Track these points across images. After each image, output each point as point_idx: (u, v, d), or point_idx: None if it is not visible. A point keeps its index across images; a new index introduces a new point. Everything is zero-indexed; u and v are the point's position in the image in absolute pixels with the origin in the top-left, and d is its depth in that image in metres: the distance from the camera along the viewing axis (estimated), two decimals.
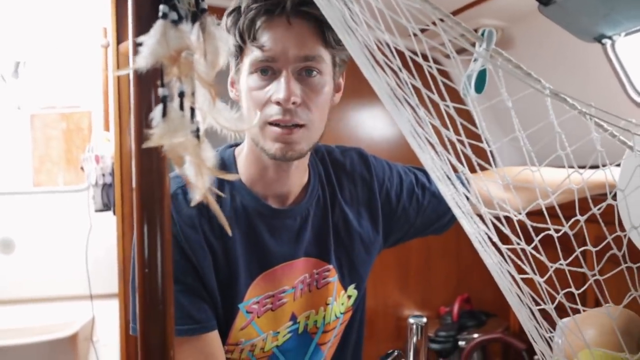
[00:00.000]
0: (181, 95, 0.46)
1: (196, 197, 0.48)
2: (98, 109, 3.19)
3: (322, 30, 1.03)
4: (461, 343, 2.51)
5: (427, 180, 1.34)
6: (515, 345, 2.37)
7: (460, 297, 2.65)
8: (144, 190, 0.49)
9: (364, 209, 1.27)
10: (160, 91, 0.46)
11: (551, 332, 0.76)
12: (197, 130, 0.48)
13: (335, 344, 1.29)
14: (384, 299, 2.70)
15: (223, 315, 1.10)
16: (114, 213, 2.63)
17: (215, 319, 1.09)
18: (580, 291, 0.70)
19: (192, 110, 0.47)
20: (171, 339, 0.51)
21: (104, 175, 2.73)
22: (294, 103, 1.01)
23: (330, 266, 1.21)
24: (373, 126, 2.62)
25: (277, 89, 1.02)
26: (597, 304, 0.77)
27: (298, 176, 1.17)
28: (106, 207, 2.78)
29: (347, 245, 1.23)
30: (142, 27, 0.46)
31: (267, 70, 1.03)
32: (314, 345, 1.22)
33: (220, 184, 1.11)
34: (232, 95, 1.12)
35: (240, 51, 1.06)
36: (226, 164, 1.16)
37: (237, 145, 1.19)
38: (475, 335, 2.49)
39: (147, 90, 0.47)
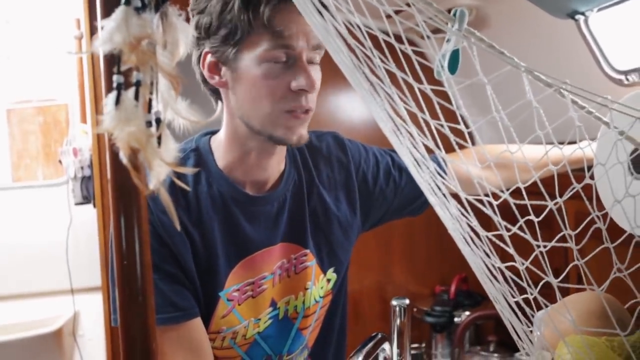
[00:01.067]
0: (137, 84, 0.45)
1: (149, 188, 0.47)
2: (74, 101, 3.15)
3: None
4: (456, 319, 2.52)
5: (403, 161, 1.33)
6: None
7: (458, 276, 2.66)
8: (119, 181, 0.48)
9: (342, 192, 1.28)
10: (115, 78, 0.45)
11: (530, 325, 0.76)
12: (158, 120, 0.47)
13: (318, 328, 1.29)
14: (368, 282, 2.70)
15: (204, 303, 1.10)
16: (94, 206, 2.61)
17: (197, 306, 1.08)
18: (561, 277, 0.70)
19: (150, 100, 0.46)
20: (153, 330, 0.51)
21: (82, 168, 2.70)
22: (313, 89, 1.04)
23: (307, 251, 1.22)
24: (352, 109, 2.61)
25: (299, 77, 1.02)
26: (580, 284, 0.77)
27: (277, 162, 1.18)
28: (86, 200, 2.75)
29: (325, 229, 1.24)
30: (107, 12, 0.45)
31: (284, 58, 1.03)
32: (295, 330, 1.22)
33: (196, 174, 1.11)
34: (213, 82, 1.09)
35: (246, 36, 1.02)
36: (202, 151, 1.15)
37: (213, 133, 1.18)
38: (470, 313, 2.50)
39: (107, 76, 0.46)
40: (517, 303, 0.72)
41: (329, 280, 1.27)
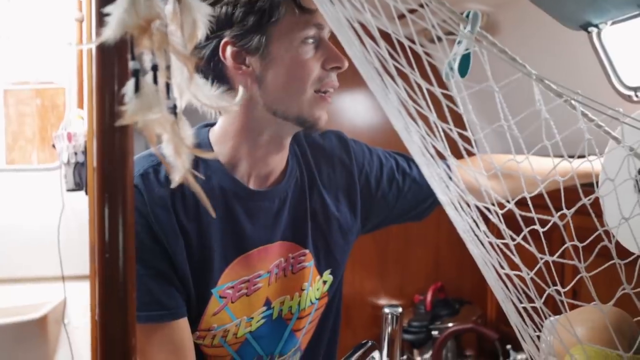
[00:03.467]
0: (154, 68, 0.43)
1: (175, 177, 0.45)
2: (72, 85, 3.12)
3: None
4: (434, 333, 2.51)
5: (408, 166, 1.33)
6: (487, 334, 2.37)
7: (434, 285, 2.65)
8: (105, 170, 0.45)
9: (343, 193, 1.26)
10: (131, 64, 0.42)
11: (537, 329, 0.74)
12: (174, 106, 0.45)
13: (311, 331, 1.27)
14: (360, 287, 2.69)
15: (195, 300, 1.07)
16: (86, 193, 2.58)
17: (185, 306, 1.06)
18: (567, 288, 0.68)
19: (168, 85, 0.44)
20: (133, 327, 0.48)
21: (76, 153, 2.66)
22: None
23: (307, 251, 1.19)
24: (355, 111, 2.60)
25: (332, 56, 1.04)
26: (575, 298, 0.76)
27: (282, 156, 1.16)
28: (78, 186, 2.72)
29: (324, 230, 1.22)
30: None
31: (314, 39, 1.04)
32: (289, 331, 1.20)
33: (195, 164, 1.07)
34: (239, 72, 1.04)
35: (275, 20, 1.01)
36: (201, 144, 1.11)
37: (211, 125, 1.15)
38: (449, 325, 2.49)
39: (111, 64, 0.44)
40: (524, 308, 0.71)
41: (325, 282, 1.24)
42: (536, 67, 0.64)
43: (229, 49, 1.02)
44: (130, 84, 0.42)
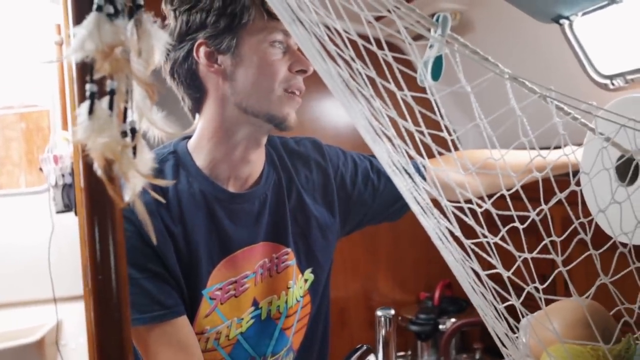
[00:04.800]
0: (111, 93, 0.43)
1: (125, 199, 0.45)
2: (56, 107, 3.12)
3: None
4: (441, 327, 2.51)
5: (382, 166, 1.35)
6: None
7: (442, 282, 2.65)
8: (93, 192, 0.46)
9: (320, 194, 1.30)
10: (88, 87, 0.43)
11: (516, 330, 0.74)
12: (133, 130, 0.45)
13: (302, 331, 1.29)
14: (355, 289, 2.69)
15: (188, 302, 1.10)
16: (76, 214, 2.58)
17: (183, 304, 1.08)
18: (546, 284, 0.69)
19: (125, 109, 0.45)
20: (129, 346, 0.49)
21: (63, 175, 2.66)
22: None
23: (289, 249, 1.23)
24: (337, 115, 2.60)
25: (298, 60, 1.11)
26: (567, 291, 0.76)
27: (259, 157, 1.20)
28: (67, 208, 2.72)
29: (304, 229, 1.25)
30: (79, 19, 0.44)
31: (281, 43, 1.10)
32: (279, 330, 1.22)
33: (176, 172, 1.13)
34: (211, 70, 1.11)
35: (246, 22, 1.08)
36: (180, 154, 1.16)
37: (189, 138, 1.19)
38: (455, 320, 2.49)
39: (79, 86, 0.45)
40: (499, 310, 0.71)
41: (306, 281, 1.27)
42: (512, 62, 0.65)
43: (202, 49, 1.09)
44: (84, 106, 0.42)
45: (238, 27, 1.08)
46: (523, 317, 0.72)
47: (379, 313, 1.12)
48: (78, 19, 0.44)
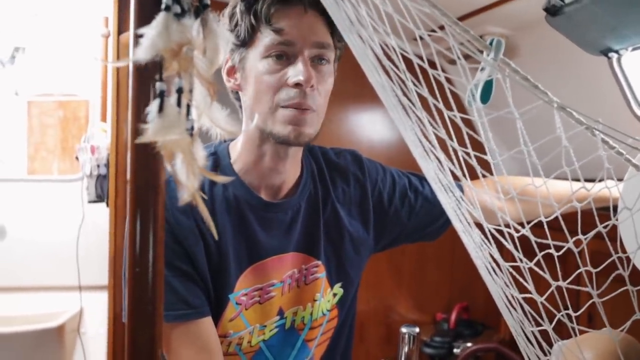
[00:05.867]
0: (179, 91, 0.45)
1: (184, 196, 0.46)
2: (96, 99, 3.16)
3: (331, 21, 1.04)
4: (456, 350, 2.49)
5: (421, 185, 1.36)
6: (511, 356, 2.35)
7: (460, 304, 2.64)
8: (138, 186, 0.47)
9: (356, 208, 1.29)
10: (158, 85, 0.44)
11: (546, 354, 0.74)
12: (192, 128, 0.46)
13: (325, 344, 1.28)
14: (375, 304, 2.68)
15: (214, 304, 1.11)
16: (107, 205, 2.61)
17: (209, 306, 1.09)
18: (580, 312, 0.68)
19: (188, 107, 0.46)
20: (160, 340, 0.50)
21: (98, 166, 2.70)
22: (311, 86, 1.05)
23: (319, 262, 1.22)
24: (373, 130, 2.60)
25: (296, 72, 1.05)
26: (590, 323, 0.76)
27: (292, 168, 1.19)
28: (99, 198, 2.75)
29: (337, 243, 1.25)
30: (144, 18, 0.45)
31: (282, 56, 1.06)
32: (301, 341, 1.22)
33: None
34: (229, 85, 1.14)
35: (250, 37, 1.07)
36: (219, 155, 1.17)
37: (231, 140, 1.20)
38: (470, 344, 2.48)
39: (146, 84, 0.46)
40: (532, 332, 0.71)
41: (335, 295, 1.26)
42: (555, 90, 0.64)
43: (227, 64, 1.13)
44: (154, 105, 0.44)
45: (244, 41, 1.08)
46: (555, 342, 0.71)
47: (403, 330, 1.11)
48: (142, 17, 0.45)
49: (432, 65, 0.61)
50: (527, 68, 1.89)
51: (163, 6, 0.44)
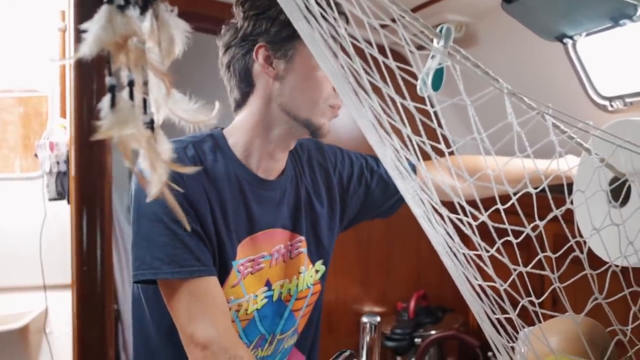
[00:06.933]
0: (130, 84, 0.44)
1: (151, 191, 0.45)
2: (55, 94, 3.11)
3: None
4: (417, 340, 2.52)
5: (376, 165, 1.48)
6: (469, 342, 2.39)
7: (417, 293, 2.66)
8: (83, 183, 0.46)
9: (324, 191, 1.39)
10: (108, 80, 0.43)
11: (512, 340, 0.75)
12: (152, 121, 0.46)
13: (307, 316, 1.37)
14: (344, 294, 2.69)
15: (218, 270, 1.15)
16: (68, 202, 2.57)
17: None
18: (542, 298, 0.69)
19: (145, 100, 0.45)
20: (110, 338, 0.49)
21: (58, 163, 2.65)
22: None
23: (302, 237, 1.32)
24: (337, 119, 2.60)
25: None
26: (555, 307, 0.77)
27: (284, 158, 1.30)
28: (60, 195, 2.70)
29: (314, 222, 1.35)
30: (86, 13, 0.44)
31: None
32: (289, 311, 1.31)
33: (214, 153, 1.20)
34: (266, 71, 1.20)
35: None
36: (216, 137, 1.23)
37: (221, 128, 1.27)
38: (432, 332, 2.51)
39: (89, 79, 0.45)
40: (498, 319, 0.72)
41: (317, 271, 1.36)
42: (514, 77, 0.65)
43: (261, 52, 1.19)
44: (106, 100, 0.43)
45: (298, 39, 1.16)
46: (520, 329, 0.72)
47: (364, 320, 1.12)
48: (83, 13, 0.44)
49: (394, 53, 0.61)
50: (486, 55, 1.92)
51: None
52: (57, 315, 3.01)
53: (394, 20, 0.62)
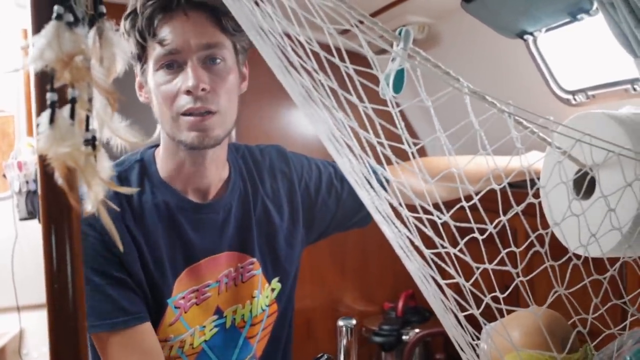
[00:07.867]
0: (72, 101, 0.43)
1: (87, 209, 0.45)
2: (21, 113, 3.07)
3: (219, 18, 1.08)
4: (405, 337, 2.53)
5: None
6: None
7: (405, 293, 2.67)
8: (50, 200, 0.46)
9: (286, 202, 1.31)
10: (49, 96, 0.43)
11: (476, 338, 0.75)
12: (93, 139, 0.45)
13: (266, 338, 1.29)
14: (321, 300, 2.69)
15: (152, 311, 1.11)
16: (39, 221, 2.54)
17: (147, 312, 1.09)
18: (506, 294, 0.70)
19: (87, 117, 0.45)
20: (84, 357, 0.49)
21: (27, 182, 2.62)
22: (203, 90, 1.05)
23: (254, 259, 1.24)
24: (305, 125, 2.60)
25: (185, 79, 1.05)
26: (519, 302, 0.77)
27: (216, 169, 1.20)
28: (31, 215, 2.67)
29: (270, 239, 1.26)
30: (39, 27, 0.44)
31: (172, 65, 1.07)
32: (243, 338, 1.23)
33: (141, 180, 1.14)
34: (141, 99, 1.14)
35: (143, 52, 1.09)
36: (145, 162, 1.17)
37: (157, 146, 1.20)
38: (418, 330, 2.52)
39: (42, 95, 0.44)
40: (462, 318, 0.72)
41: (273, 290, 1.28)
42: (478, 76, 0.66)
43: (138, 78, 1.15)
44: (45, 116, 0.42)
45: (139, 57, 1.10)
46: (484, 325, 0.73)
47: (340, 323, 1.12)
48: (38, 27, 0.44)
49: (360, 58, 0.61)
50: (449, 54, 1.93)
51: (54, 15, 0.43)
52: (33, 336, 2.97)
53: (352, 26, 0.62)
